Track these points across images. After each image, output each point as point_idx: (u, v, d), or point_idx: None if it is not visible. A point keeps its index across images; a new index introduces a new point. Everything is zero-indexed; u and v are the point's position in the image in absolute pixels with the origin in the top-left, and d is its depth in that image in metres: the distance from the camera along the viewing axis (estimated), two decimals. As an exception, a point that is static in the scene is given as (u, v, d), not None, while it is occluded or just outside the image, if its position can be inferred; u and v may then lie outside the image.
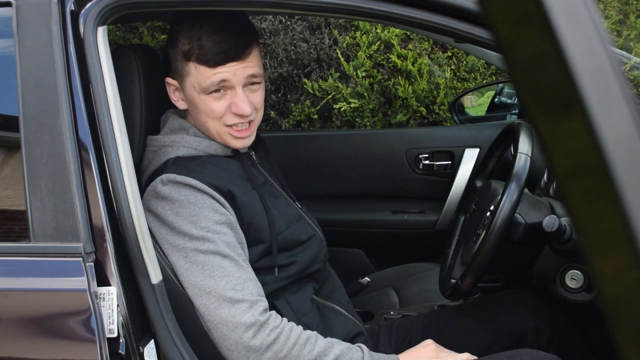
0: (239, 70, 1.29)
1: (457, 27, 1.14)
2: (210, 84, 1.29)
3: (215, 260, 1.22)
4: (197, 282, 1.21)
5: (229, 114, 1.32)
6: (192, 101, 1.34)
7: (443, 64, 2.90)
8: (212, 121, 1.33)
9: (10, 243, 1.20)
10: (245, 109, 1.30)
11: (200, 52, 1.28)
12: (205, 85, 1.29)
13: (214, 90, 1.30)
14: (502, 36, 0.53)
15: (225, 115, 1.32)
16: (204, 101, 1.31)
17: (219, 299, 1.20)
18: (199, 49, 1.28)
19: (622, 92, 0.51)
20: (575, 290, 1.35)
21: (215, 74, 1.28)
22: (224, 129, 1.34)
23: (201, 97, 1.31)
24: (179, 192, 1.26)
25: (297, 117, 2.91)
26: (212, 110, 1.32)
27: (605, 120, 0.50)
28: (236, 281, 1.21)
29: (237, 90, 1.31)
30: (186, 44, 1.30)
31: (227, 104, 1.31)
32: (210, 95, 1.31)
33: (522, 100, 0.54)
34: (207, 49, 1.27)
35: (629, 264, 0.52)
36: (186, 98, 1.36)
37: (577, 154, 0.53)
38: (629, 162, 0.50)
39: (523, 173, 1.31)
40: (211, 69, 1.28)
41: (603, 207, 0.53)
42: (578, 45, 0.50)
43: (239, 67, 1.29)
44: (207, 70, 1.28)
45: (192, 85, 1.31)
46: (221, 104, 1.31)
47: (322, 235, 1.50)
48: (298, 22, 2.92)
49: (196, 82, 1.30)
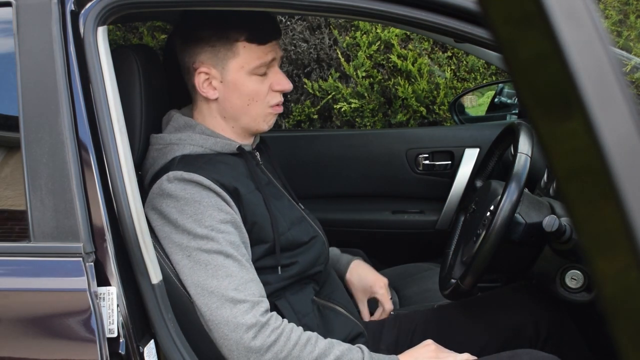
0: (278, 49, 1.38)
1: (457, 27, 1.14)
2: (264, 62, 1.34)
3: (219, 259, 1.22)
4: (200, 281, 1.21)
5: (271, 93, 1.37)
6: (235, 85, 1.35)
7: (443, 64, 2.90)
8: (256, 103, 1.37)
9: (10, 243, 1.20)
10: (288, 84, 1.38)
11: (249, 31, 1.32)
12: (257, 65, 1.34)
13: (262, 72, 1.35)
14: (502, 36, 0.53)
15: (269, 95, 1.37)
16: (251, 82, 1.35)
17: (220, 299, 1.20)
18: (248, 28, 1.32)
19: (622, 92, 0.51)
20: (575, 290, 1.36)
21: (267, 53, 1.34)
22: (267, 110, 1.38)
23: (248, 79, 1.35)
24: (185, 190, 1.25)
25: (297, 117, 2.91)
26: (258, 91, 1.36)
27: (605, 120, 0.50)
28: (239, 281, 1.21)
29: (276, 68, 1.38)
30: (231, 27, 1.33)
31: (268, 84, 1.37)
32: (256, 76, 1.35)
33: (522, 100, 0.54)
34: (254, 27, 1.33)
35: (629, 264, 0.52)
36: (225, 84, 1.35)
37: (577, 154, 0.53)
38: (629, 162, 0.50)
39: (523, 173, 1.31)
40: (262, 47, 1.33)
41: (603, 207, 0.53)
42: (578, 46, 0.50)
43: (277, 46, 1.37)
44: (258, 48, 1.33)
45: (240, 66, 1.34)
46: (264, 85, 1.37)
47: (325, 237, 1.50)
48: (298, 22, 2.92)
49: (245, 62, 1.33)
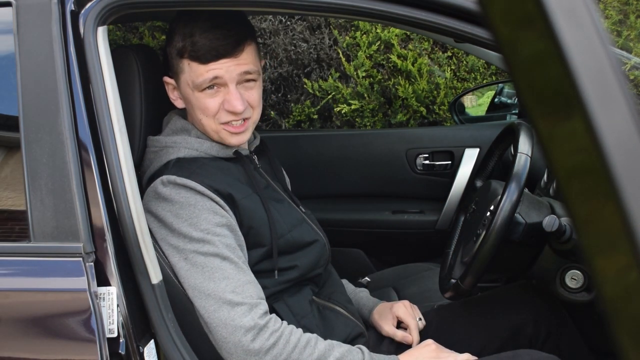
0: (231, 67, 1.29)
1: (457, 27, 1.14)
2: (203, 80, 1.29)
3: (215, 262, 1.22)
4: (197, 284, 1.22)
5: (222, 111, 1.32)
6: (187, 99, 1.35)
7: (443, 64, 2.90)
8: (207, 119, 1.34)
9: (10, 243, 1.20)
10: (237, 106, 1.30)
11: (192, 49, 1.29)
12: (198, 82, 1.30)
13: (207, 87, 1.31)
14: (502, 36, 0.53)
15: (219, 113, 1.33)
16: (198, 98, 1.32)
17: (218, 302, 1.20)
18: (191, 46, 1.29)
19: (622, 92, 0.51)
20: (575, 290, 1.36)
21: (208, 70, 1.29)
22: (219, 127, 1.34)
23: (195, 95, 1.32)
24: (179, 194, 1.26)
25: (297, 117, 2.91)
26: (205, 108, 1.32)
27: (605, 120, 0.50)
28: (236, 283, 1.21)
29: (230, 87, 1.31)
30: (180, 41, 1.31)
31: (221, 101, 1.32)
32: (203, 93, 1.31)
33: (522, 100, 0.54)
34: (199, 45, 1.28)
35: (629, 264, 0.52)
36: (182, 96, 1.37)
37: (577, 154, 0.53)
38: (629, 162, 0.50)
39: (523, 173, 1.31)
40: (203, 66, 1.29)
41: (603, 207, 0.53)
42: (578, 46, 0.50)
43: (231, 64, 1.29)
44: (199, 67, 1.29)
45: (187, 82, 1.33)
46: (214, 102, 1.32)
47: (326, 240, 1.49)
48: (298, 22, 2.92)
49: (190, 79, 1.31)
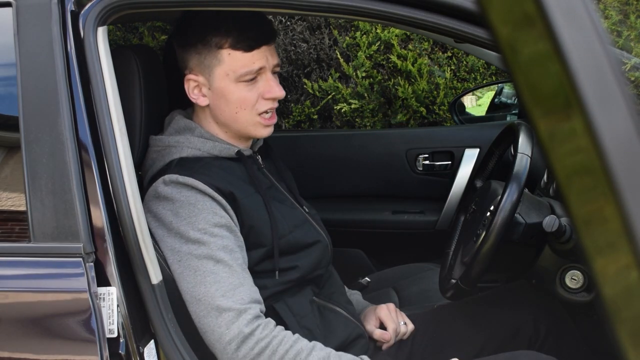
0: (269, 56, 1.32)
1: (457, 27, 1.14)
2: (249, 70, 1.30)
3: (208, 265, 1.21)
4: (189, 288, 1.22)
5: (261, 100, 1.33)
6: (223, 92, 1.33)
7: (443, 64, 2.90)
8: (244, 111, 1.33)
9: (10, 243, 1.20)
10: (279, 92, 1.33)
11: (234, 38, 1.29)
12: (242, 72, 1.30)
13: (249, 79, 1.31)
14: (502, 37, 0.53)
15: (258, 103, 1.33)
16: (237, 89, 1.32)
17: (207, 307, 1.20)
18: (232, 35, 1.29)
19: (622, 92, 0.51)
20: (575, 290, 1.36)
21: (254, 61, 1.30)
22: (256, 119, 1.34)
23: (234, 86, 1.31)
24: (180, 193, 1.25)
25: (297, 117, 2.91)
26: (245, 99, 1.32)
27: (605, 120, 0.50)
28: (227, 287, 1.20)
29: (268, 74, 1.33)
30: (216, 34, 1.30)
31: (258, 92, 1.33)
32: (243, 83, 1.31)
33: (522, 100, 0.54)
34: (240, 34, 1.29)
35: (629, 264, 0.52)
36: (213, 91, 1.34)
37: (577, 154, 0.53)
38: (629, 162, 0.50)
39: (523, 173, 1.31)
40: (248, 54, 1.29)
41: (603, 207, 0.53)
42: (578, 46, 0.50)
43: (268, 53, 1.32)
44: (243, 55, 1.29)
45: (225, 73, 1.31)
46: (253, 92, 1.32)
47: (328, 241, 1.48)
48: (298, 22, 2.92)
49: (230, 70, 1.30)
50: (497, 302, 1.61)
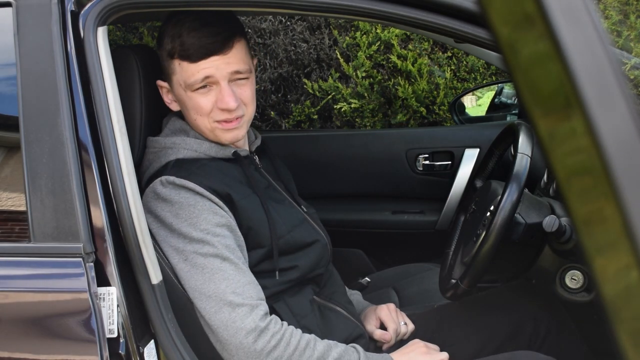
0: (221, 65, 1.29)
1: (457, 27, 1.14)
2: (195, 80, 1.29)
3: (215, 263, 1.22)
4: (198, 285, 1.22)
5: (216, 109, 1.32)
6: (181, 100, 1.35)
7: (443, 64, 2.90)
8: (201, 118, 1.33)
9: (10, 243, 1.20)
10: (229, 103, 1.30)
11: (181, 48, 1.29)
12: (190, 82, 1.30)
13: (199, 87, 1.30)
14: (502, 37, 0.53)
15: (213, 111, 1.32)
16: (191, 98, 1.32)
17: (219, 303, 1.20)
18: (180, 45, 1.29)
19: (622, 92, 0.51)
20: (575, 290, 1.36)
21: (199, 70, 1.28)
22: (214, 125, 1.33)
23: (188, 95, 1.32)
24: (179, 194, 1.26)
25: (297, 117, 2.90)
26: (199, 107, 1.32)
27: (605, 120, 0.50)
28: (236, 284, 1.21)
29: (221, 84, 1.30)
30: (169, 43, 1.30)
31: (214, 100, 1.31)
32: (196, 92, 1.31)
33: (522, 100, 0.54)
34: (188, 44, 1.28)
35: (629, 264, 0.52)
36: (176, 98, 1.36)
37: (577, 154, 0.53)
38: (629, 162, 0.50)
39: (523, 173, 1.31)
40: (194, 64, 1.28)
41: (603, 207, 0.53)
42: (578, 46, 0.50)
43: (221, 62, 1.29)
44: (190, 66, 1.29)
45: (179, 83, 1.32)
46: (207, 100, 1.31)
47: (327, 240, 1.48)
48: (298, 22, 2.92)
49: (181, 80, 1.31)
50: (497, 302, 1.61)
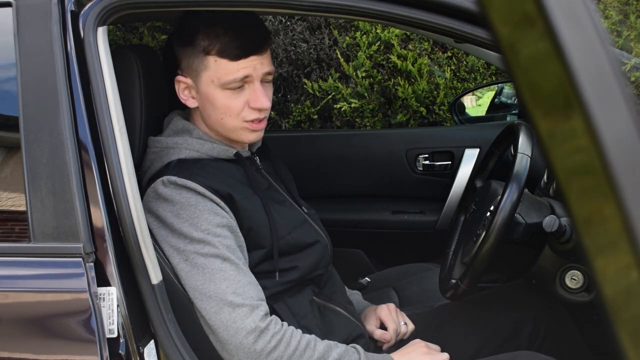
0: (258, 65, 1.30)
1: (457, 27, 1.14)
2: (234, 79, 1.29)
3: (216, 263, 1.22)
4: (198, 285, 1.22)
5: (247, 109, 1.32)
6: (208, 97, 1.32)
7: (443, 64, 2.90)
8: (230, 118, 1.32)
9: (10, 243, 1.20)
10: (265, 103, 1.31)
11: (221, 45, 1.28)
12: (228, 80, 1.29)
13: (235, 86, 1.30)
14: (502, 37, 0.53)
15: (244, 111, 1.32)
16: (223, 97, 1.31)
17: (219, 303, 1.20)
18: (220, 42, 1.28)
19: (622, 92, 0.51)
20: (575, 290, 1.36)
21: (239, 69, 1.28)
22: (243, 124, 1.33)
23: (219, 93, 1.30)
24: (180, 195, 1.25)
25: (297, 117, 2.91)
26: (230, 107, 1.31)
27: (605, 120, 0.50)
28: (236, 285, 1.21)
29: (255, 84, 1.31)
30: (205, 39, 1.29)
31: (245, 100, 1.31)
32: (229, 91, 1.30)
33: (522, 100, 0.54)
34: (228, 41, 1.28)
35: (629, 264, 0.52)
36: (200, 95, 1.34)
37: (577, 154, 0.53)
38: (629, 162, 0.50)
39: (523, 173, 1.31)
40: (234, 63, 1.28)
41: (603, 207, 0.53)
42: (578, 46, 0.50)
43: (258, 62, 1.30)
44: (229, 64, 1.28)
45: (210, 79, 1.30)
46: (239, 101, 1.31)
47: (328, 240, 1.48)
48: (298, 22, 2.92)
49: (215, 77, 1.30)
50: (497, 302, 1.61)
